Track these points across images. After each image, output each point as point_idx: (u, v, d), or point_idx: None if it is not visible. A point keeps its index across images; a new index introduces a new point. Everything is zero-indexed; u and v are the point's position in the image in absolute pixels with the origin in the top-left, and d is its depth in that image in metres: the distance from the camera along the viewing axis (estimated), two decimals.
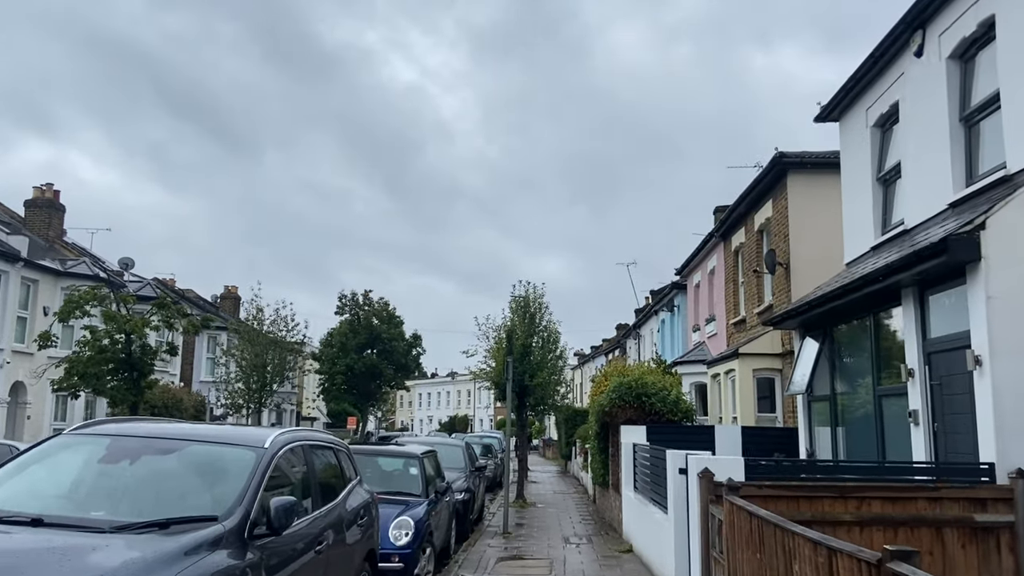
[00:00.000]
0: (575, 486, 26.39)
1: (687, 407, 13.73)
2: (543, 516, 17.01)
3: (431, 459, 11.15)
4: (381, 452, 10.75)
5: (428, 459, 10.88)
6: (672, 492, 8.30)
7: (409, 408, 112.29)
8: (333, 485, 6.16)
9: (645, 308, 38.69)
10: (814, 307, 10.60)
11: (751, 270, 17.56)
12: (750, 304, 17.81)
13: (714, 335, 21.68)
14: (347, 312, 48.20)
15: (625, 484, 13.38)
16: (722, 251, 20.77)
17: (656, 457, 10.47)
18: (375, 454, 10.56)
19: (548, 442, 57.76)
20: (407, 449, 10.84)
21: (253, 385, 29.05)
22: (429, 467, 10.88)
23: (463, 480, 14.00)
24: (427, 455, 10.86)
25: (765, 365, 15.65)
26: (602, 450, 16.07)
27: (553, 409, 32.81)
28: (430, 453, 11.19)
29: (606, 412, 14.05)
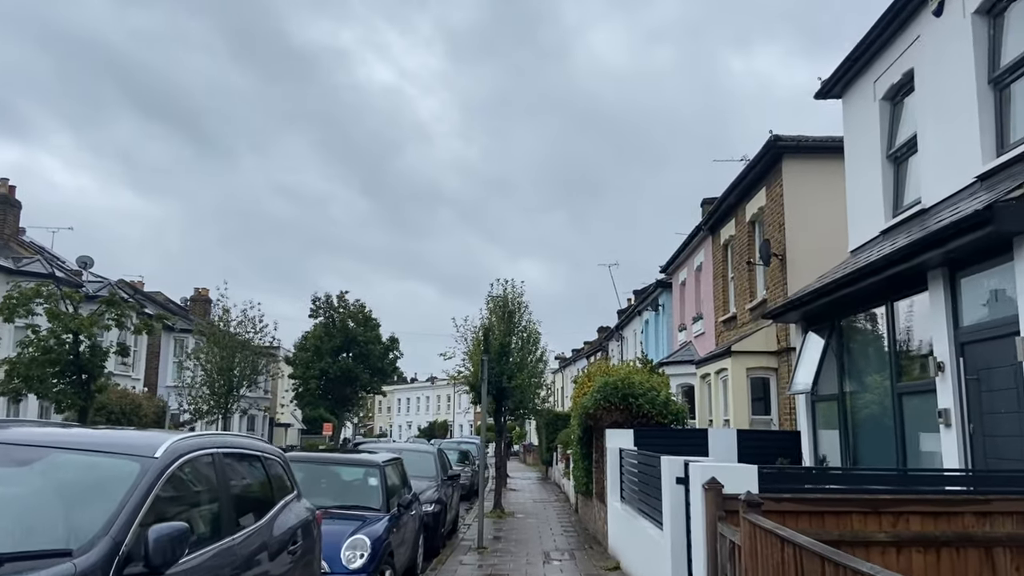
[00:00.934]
0: (556, 494, 25.25)
1: (678, 409, 12.65)
2: (522, 528, 15.84)
3: (395, 468, 9.96)
4: (336, 461, 9.52)
5: (391, 468, 9.69)
6: (668, 506, 7.18)
7: (388, 413, 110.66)
8: (257, 503, 4.97)
9: (627, 309, 37.66)
10: (820, 296, 9.55)
11: (743, 263, 16.54)
12: (741, 300, 16.79)
13: (701, 334, 20.66)
14: (321, 315, 46.80)
15: (611, 493, 12.26)
16: (710, 246, 19.75)
17: (647, 464, 9.35)
18: (329, 463, 9.35)
19: (529, 448, 56.58)
20: (367, 457, 9.64)
21: (219, 389, 27.62)
22: (393, 477, 9.69)
23: (433, 490, 12.81)
24: (390, 464, 9.67)
25: (760, 364, 14.61)
26: (585, 456, 14.94)
27: (533, 413, 31.65)
28: (393, 461, 10.00)
29: (589, 415, 12.94)
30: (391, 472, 9.61)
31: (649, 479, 9.02)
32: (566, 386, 60.35)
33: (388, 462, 9.61)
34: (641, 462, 10.02)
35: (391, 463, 9.76)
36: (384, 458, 9.63)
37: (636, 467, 10.58)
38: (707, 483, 5.73)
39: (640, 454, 9.98)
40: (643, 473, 9.53)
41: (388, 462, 9.61)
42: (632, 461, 11.00)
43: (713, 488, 5.67)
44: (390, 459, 9.86)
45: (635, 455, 10.72)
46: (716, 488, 5.68)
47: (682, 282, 23.58)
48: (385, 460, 9.54)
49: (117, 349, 18.43)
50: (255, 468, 5.15)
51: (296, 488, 5.95)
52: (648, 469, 9.17)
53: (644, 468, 9.51)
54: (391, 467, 9.71)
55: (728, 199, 17.28)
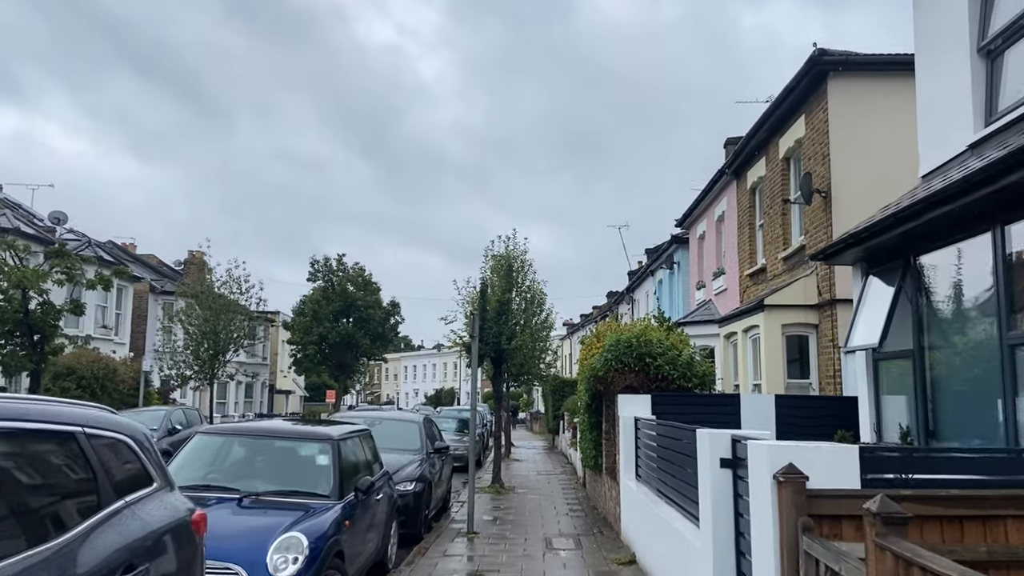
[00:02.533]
0: (562, 465, 23.44)
1: (703, 371, 10.66)
2: (522, 506, 13.98)
3: (358, 443, 8.02)
4: (278, 433, 7.52)
5: (352, 443, 7.76)
6: (709, 497, 5.21)
7: (395, 381, 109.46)
8: (50, 515, 3.00)
9: (638, 270, 35.58)
10: (894, 226, 7.48)
11: (775, 206, 14.41)
12: (773, 249, 14.70)
13: (723, 291, 18.60)
14: (320, 278, 44.99)
15: (624, 470, 10.33)
16: (734, 191, 17.61)
17: (673, 438, 7.39)
18: (269, 436, 7.37)
19: (536, 415, 54.91)
20: (318, 429, 7.67)
21: (203, 354, 25.81)
22: (355, 454, 7.78)
23: (416, 466, 10.91)
24: (350, 438, 7.73)
25: (797, 319, 12.58)
26: (593, 426, 13.02)
27: (539, 379, 29.81)
28: (356, 435, 8.05)
29: (599, 378, 10.97)
30: (351, 448, 7.68)
31: (676, 457, 7.06)
32: (574, 352, 58.52)
33: (347, 436, 7.67)
34: (663, 434, 8.06)
35: (352, 437, 7.82)
36: (342, 431, 7.68)
37: (657, 440, 8.64)
38: (782, 472, 3.73)
39: (663, 425, 8.02)
40: (667, 449, 7.57)
41: (347, 436, 7.67)
42: (650, 432, 9.06)
43: (793, 481, 3.68)
44: (351, 432, 7.91)
45: (655, 426, 8.76)
46: (797, 482, 3.68)
47: (700, 235, 21.47)
48: (343, 434, 7.59)
49: (70, 307, 16.53)
50: (56, 455, 3.17)
51: (161, 479, 4.00)
52: (674, 444, 7.21)
53: (669, 443, 7.55)
54: (352, 442, 7.78)
55: (757, 135, 15.11)
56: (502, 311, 16.53)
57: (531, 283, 25.19)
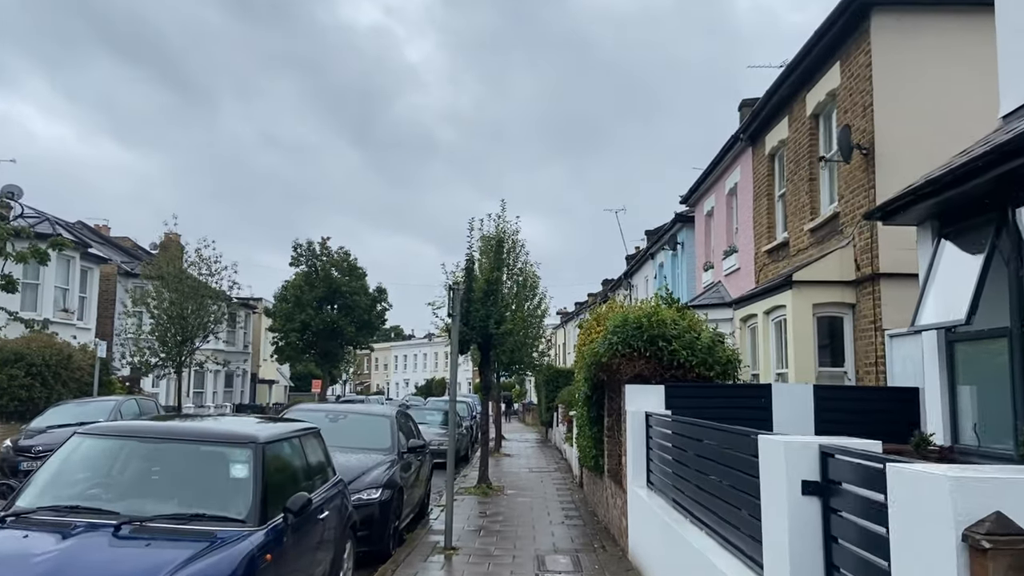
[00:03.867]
0: (556, 460, 21.74)
1: (728, 357, 8.91)
2: (512, 512, 12.25)
3: (298, 446, 6.24)
4: (184, 434, 5.68)
5: (288, 447, 5.98)
6: (785, 539, 3.44)
7: (385, 371, 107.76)
8: None
9: (637, 254, 33.83)
10: (985, 168, 5.73)
11: (801, 170, 12.66)
12: (797, 220, 12.95)
13: (735, 271, 16.87)
14: (303, 263, 43.06)
15: (632, 475, 8.59)
16: (750, 159, 15.85)
17: (703, 441, 5.65)
18: (172, 438, 5.55)
19: (529, 407, 53.24)
20: (236, 428, 5.88)
21: (169, 340, 23.96)
22: (291, 461, 6.01)
23: (384, 469, 9.14)
24: (283, 440, 5.94)
25: (830, 298, 10.85)
26: (593, 421, 11.27)
27: (531, 369, 28.05)
28: (295, 436, 6.25)
29: (602, 365, 9.20)
30: (286, 454, 5.91)
31: (716, 469, 5.32)
32: (568, 342, 56.81)
33: (280, 438, 5.88)
34: (689, 436, 6.32)
35: (287, 440, 6.04)
36: (273, 432, 5.88)
37: (676, 442, 6.92)
38: (987, 531, 1.96)
39: (691, 425, 6.27)
40: (702, 457, 5.82)
41: (280, 438, 5.88)
42: (666, 431, 7.34)
43: (1002, 543, 1.90)
44: (287, 433, 6.12)
45: (674, 424, 7.02)
46: (1010, 542, 1.90)
47: (708, 212, 19.72)
48: (274, 435, 5.80)
49: (2, 284, 14.67)
50: None
51: None
52: (712, 451, 5.47)
53: (703, 448, 5.80)
54: (287, 446, 6.00)
55: (779, 92, 13.34)
56: (490, 292, 14.75)
57: (523, 265, 23.44)
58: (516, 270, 22.98)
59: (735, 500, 4.63)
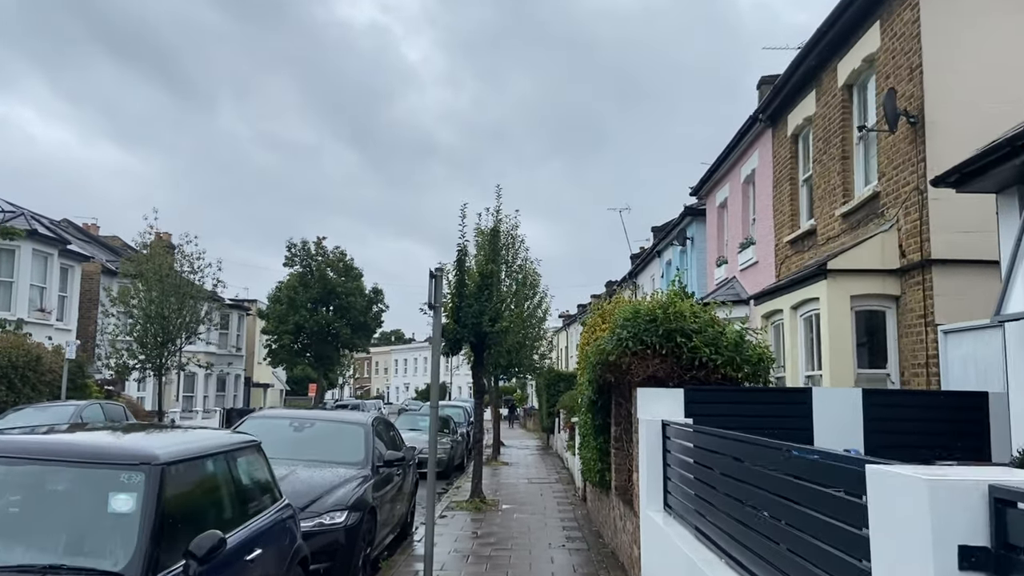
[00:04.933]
0: (557, 470, 20.34)
1: (759, 355, 7.54)
2: (507, 532, 10.87)
3: (223, 468, 4.86)
4: (47, 452, 4.19)
5: (202, 469, 4.61)
6: None
7: (385, 375, 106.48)
8: None
9: (642, 254, 32.46)
10: None
11: (834, 145, 11.29)
12: (827, 204, 11.59)
13: (752, 265, 15.50)
14: (297, 263, 41.77)
15: (647, 496, 7.20)
16: (770, 142, 14.49)
17: (756, 467, 4.28)
18: (42, 457, 4.13)
19: (530, 412, 51.81)
20: (131, 444, 4.52)
21: (147, 340, 22.61)
22: (210, 488, 4.65)
23: (354, 487, 7.76)
24: (195, 460, 4.56)
25: (870, 289, 9.48)
26: (599, 429, 9.89)
27: (531, 372, 26.68)
28: (219, 454, 4.87)
29: (610, 364, 7.82)
30: (200, 477, 4.54)
31: (768, 501, 3.94)
32: (570, 345, 55.38)
33: (190, 457, 4.50)
34: (726, 454, 4.95)
35: (202, 459, 4.65)
36: (181, 448, 4.51)
37: (705, 458, 5.55)
38: None
39: (729, 440, 4.91)
40: (746, 483, 4.45)
41: (190, 457, 4.50)
42: (686, 444, 6.00)
43: None
44: (203, 450, 4.73)
45: (703, 437, 5.65)
46: None
47: (721, 203, 18.35)
48: (181, 453, 4.42)
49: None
50: None
51: None
52: (763, 478, 4.09)
53: (746, 470, 4.44)
54: (202, 466, 4.62)
55: (804, 64, 11.99)
56: (484, 286, 13.38)
57: (523, 262, 22.11)
58: (515, 267, 21.66)
59: (809, 553, 3.25)
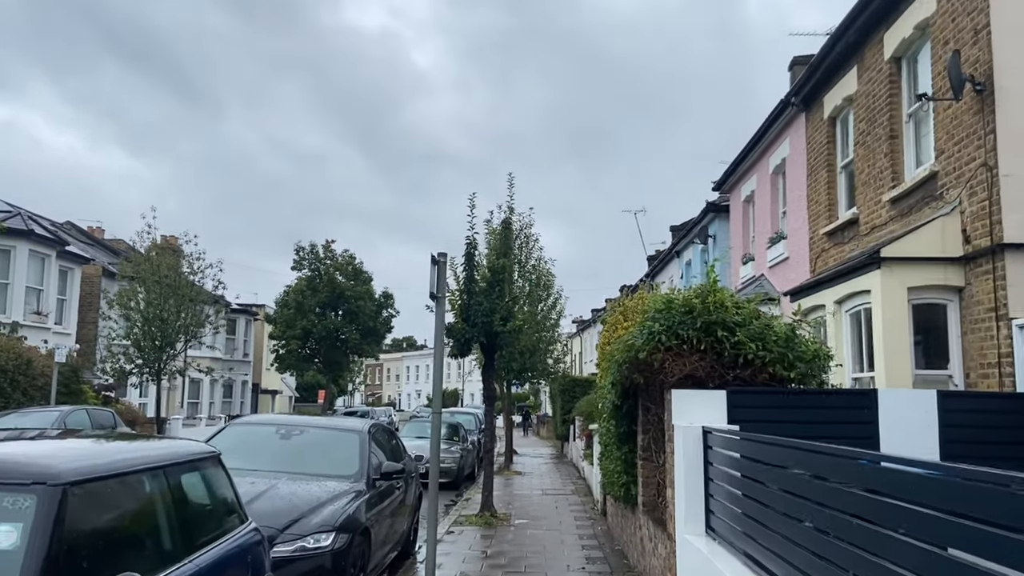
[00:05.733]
0: (573, 480, 19.28)
1: (814, 352, 6.48)
2: (519, 550, 9.84)
3: (160, 484, 3.86)
4: None
5: (128, 489, 3.61)
6: None
7: (396, 382, 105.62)
8: None
9: (659, 255, 31.38)
10: None
11: (880, 124, 10.23)
12: (871, 191, 10.52)
13: (782, 261, 14.43)
14: (305, 267, 40.94)
15: (684, 515, 6.14)
16: (803, 128, 13.44)
17: (860, 493, 3.23)
18: None
19: (543, 419, 50.69)
20: (16, 453, 3.56)
21: (144, 344, 21.74)
22: (143, 508, 3.64)
23: (345, 503, 6.75)
24: (113, 479, 3.55)
25: (929, 280, 8.41)
26: (623, 438, 8.83)
27: (545, 377, 25.62)
28: (158, 468, 3.87)
29: (638, 363, 6.77)
30: (125, 500, 3.54)
31: (882, 542, 2.89)
32: (585, 351, 54.23)
33: (109, 474, 3.50)
34: (796, 469, 3.92)
35: (127, 476, 3.64)
36: (101, 462, 3.51)
37: (763, 474, 4.52)
38: None
39: (805, 452, 3.88)
40: (836, 512, 3.40)
41: (109, 474, 3.50)
42: (732, 455, 5.01)
43: None
44: (131, 464, 3.72)
45: (764, 448, 4.61)
46: None
47: (746, 197, 17.30)
48: (97, 470, 3.42)
49: None
50: None
51: None
52: (868, 507, 3.05)
53: (836, 494, 3.40)
54: (127, 486, 3.62)
55: (844, 39, 10.97)
56: (495, 282, 12.36)
57: (536, 262, 21.14)
58: (529, 267, 20.70)
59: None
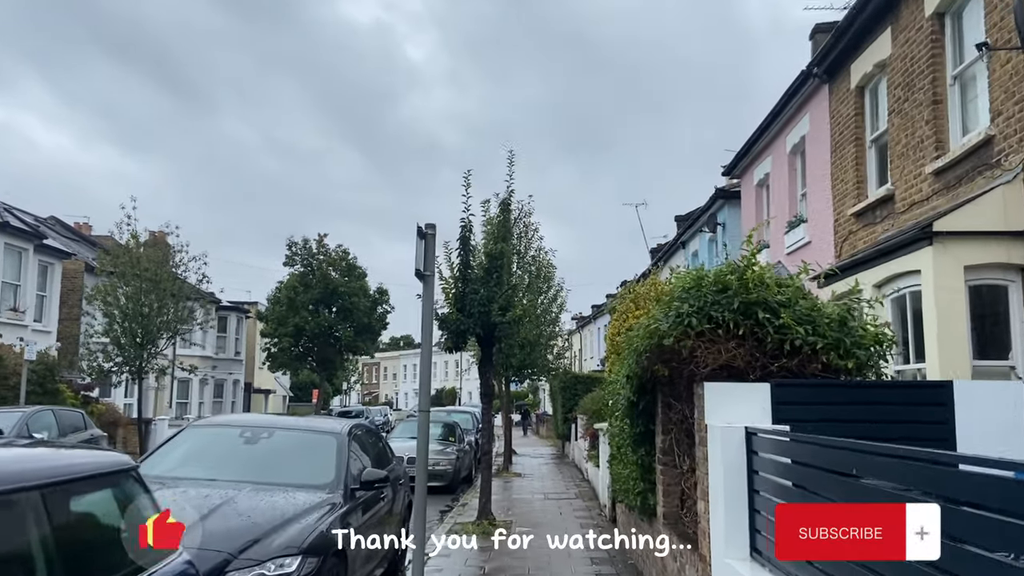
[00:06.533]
0: (576, 482, 18.25)
1: (875, 337, 5.45)
2: (520, 566, 8.82)
3: (35, 506, 2.80)
4: None
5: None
6: None
7: (394, 381, 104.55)
8: None
9: (662, 248, 30.34)
10: None
11: (921, 89, 9.19)
12: (911, 162, 9.49)
13: (802, 246, 13.39)
14: (298, 262, 39.82)
15: (725, 535, 5.08)
16: (825, 101, 12.40)
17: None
18: None
19: (543, 417, 49.66)
20: None
21: (125, 341, 20.65)
22: (9, 539, 2.58)
23: (312, 520, 5.69)
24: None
25: (990, 258, 7.38)
26: (639, 439, 7.75)
27: (546, 374, 24.57)
28: (27, 492, 2.82)
29: (663, 352, 5.72)
30: None
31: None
32: (585, 348, 53.19)
33: None
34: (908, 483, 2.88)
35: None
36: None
37: (835, 486, 3.47)
38: None
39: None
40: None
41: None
42: (782, 461, 3.98)
43: None
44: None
45: (837, 455, 3.58)
46: None
47: (760, 181, 16.28)
48: None
49: None
50: None
51: None
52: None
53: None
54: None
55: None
56: (493, 268, 11.31)
57: (536, 252, 20.12)
58: (528, 258, 19.67)
59: None
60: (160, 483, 6.08)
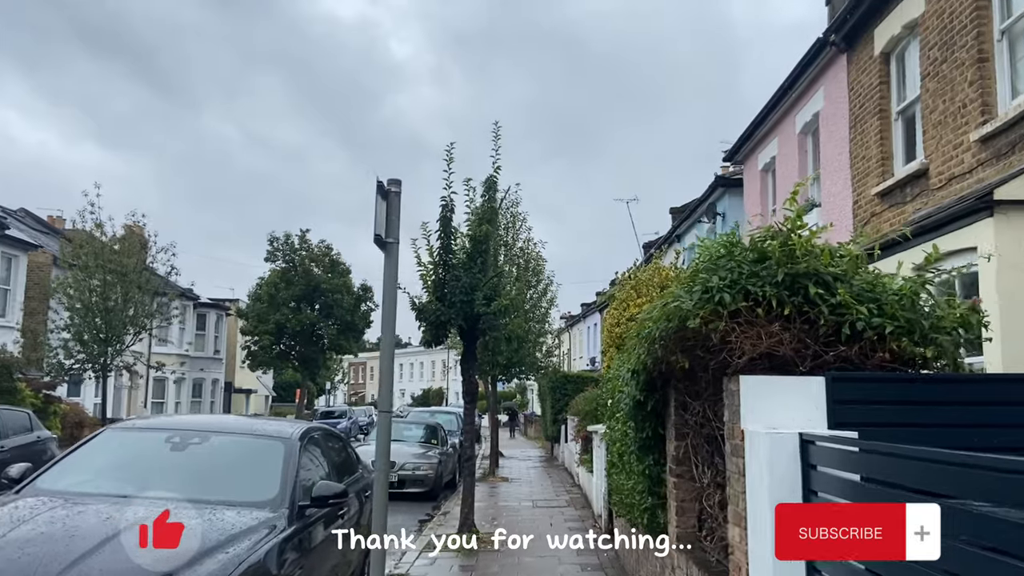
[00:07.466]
0: (567, 487, 17.10)
1: (962, 319, 4.32)
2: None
3: None
4: None
5: None
6: None
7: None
8: None
9: (655, 241, 29.27)
10: None
11: (964, 47, 8.10)
12: (948, 131, 8.39)
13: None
14: (280, 258, 38.56)
15: (772, 573, 3.92)
16: (843, 72, 11.30)
17: None
18: None
19: (531, 418, 48.48)
20: None
21: (86, 336, 19.35)
22: None
23: (241, 551, 4.49)
24: None
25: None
26: (646, 445, 6.58)
27: (535, 372, 23.41)
28: None
29: (688, 337, 4.57)
30: None
31: None
32: (575, 348, 52.07)
33: None
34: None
35: None
36: None
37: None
38: None
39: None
40: None
41: None
42: (850, 485, 2.82)
43: None
44: None
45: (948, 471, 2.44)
46: None
47: (765, 166, 15.19)
48: None
49: None
50: None
51: None
52: None
53: None
54: None
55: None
56: (477, 253, 10.14)
57: (525, 243, 19.00)
58: (516, 249, 18.56)
59: None
60: (62, 499, 4.89)
